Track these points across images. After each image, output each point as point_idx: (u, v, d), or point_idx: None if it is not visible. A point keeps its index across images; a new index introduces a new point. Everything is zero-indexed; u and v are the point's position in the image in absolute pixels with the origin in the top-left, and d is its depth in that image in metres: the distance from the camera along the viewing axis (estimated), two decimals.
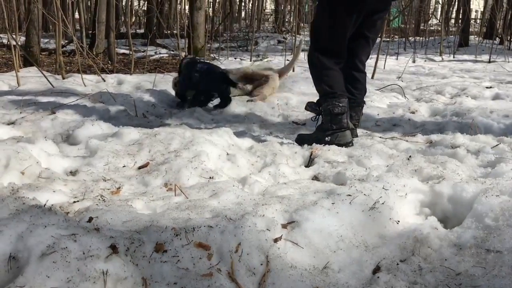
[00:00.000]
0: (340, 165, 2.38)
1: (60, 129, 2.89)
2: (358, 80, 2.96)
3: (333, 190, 1.82)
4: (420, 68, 7.38)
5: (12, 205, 1.58)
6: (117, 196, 1.93)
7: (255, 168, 2.43)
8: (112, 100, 3.97)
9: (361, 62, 2.96)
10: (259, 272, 1.38)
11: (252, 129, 3.34)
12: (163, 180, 2.11)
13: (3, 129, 2.73)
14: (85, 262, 1.24)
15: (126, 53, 9.37)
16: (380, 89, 4.96)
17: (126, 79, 5.22)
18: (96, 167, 2.25)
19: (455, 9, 15.39)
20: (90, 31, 9.78)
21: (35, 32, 6.41)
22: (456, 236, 1.56)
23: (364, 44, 2.93)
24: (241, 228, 1.48)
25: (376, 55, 6.26)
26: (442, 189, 1.87)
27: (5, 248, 1.27)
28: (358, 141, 2.81)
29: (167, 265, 1.34)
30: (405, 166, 2.25)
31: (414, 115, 3.67)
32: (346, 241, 1.55)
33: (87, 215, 1.61)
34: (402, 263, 1.46)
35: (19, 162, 2.04)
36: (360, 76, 2.97)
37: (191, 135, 2.63)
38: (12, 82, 4.84)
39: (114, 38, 7.37)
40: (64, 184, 1.97)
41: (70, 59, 8.05)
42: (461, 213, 1.76)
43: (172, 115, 3.78)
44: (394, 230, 1.64)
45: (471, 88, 4.78)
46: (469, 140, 2.67)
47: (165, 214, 1.65)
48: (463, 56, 9.75)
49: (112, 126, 2.91)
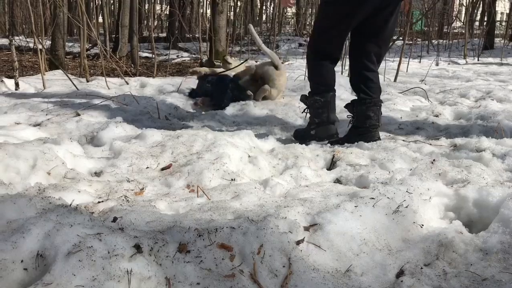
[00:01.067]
0: (362, 168, 2.37)
1: (85, 130, 2.94)
2: (371, 79, 2.93)
3: (356, 193, 1.80)
4: (443, 71, 7.28)
5: (39, 205, 1.62)
6: (141, 197, 1.95)
7: (277, 171, 2.43)
8: (135, 102, 4.02)
9: (371, 61, 2.93)
10: (282, 274, 1.38)
11: (273, 131, 3.34)
12: (185, 182, 2.13)
13: (30, 130, 2.79)
14: (110, 261, 1.26)
15: (148, 56, 9.49)
16: (403, 92, 4.91)
17: (149, 82, 5.28)
18: (120, 168, 2.28)
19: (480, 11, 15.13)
20: (113, 35, 9.94)
21: (61, 36, 6.55)
22: (482, 241, 1.53)
23: (372, 46, 2.91)
24: (263, 229, 1.48)
25: (398, 58, 6.20)
26: (467, 193, 1.84)
27: (33, 246, 1.30)
28: (381, 144, 2.78)
29: (190, 265, 1.35)
30: (429, 169, 2.22)
31: (437, 118, 3.62)
32: (369, 244, 1.54)
33: (112, 215, 1.64)
34: (426, 267, 1.44)
35: (45, 163, 2.09)
36: (372, 75, 2.94)
37: (213, 137, 2.64)
38: (38, 85, 4.95)
39: (137, 42, 7.47)
40: (89, 185, 2.01)
41: (94, 63, 8.19)
42: (487, 217, 1.73)
43: (194, 118, 3.81)
44: (418, 234, 1.62)
45: (496, 91, 4.69)
46: (495, 144, 2.62)
47: (188, 215, 1.66)
48: (488, 59, 9.58)
49: (135, 128, 2.96)
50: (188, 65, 8.37)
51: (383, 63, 6.49)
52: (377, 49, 2.91)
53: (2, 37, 13.78)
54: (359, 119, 2.96)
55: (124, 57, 8.80)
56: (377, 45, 2.90)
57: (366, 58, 2.92)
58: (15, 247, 1.28)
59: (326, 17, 2.88)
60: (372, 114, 2.91)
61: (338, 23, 2.82)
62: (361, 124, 2.94)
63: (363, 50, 2.92)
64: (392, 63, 7.56)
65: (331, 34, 2.88)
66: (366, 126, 2.92)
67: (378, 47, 2.91)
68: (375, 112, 2.91)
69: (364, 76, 2.94)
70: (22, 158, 2.05)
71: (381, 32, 2.86)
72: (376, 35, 2.87)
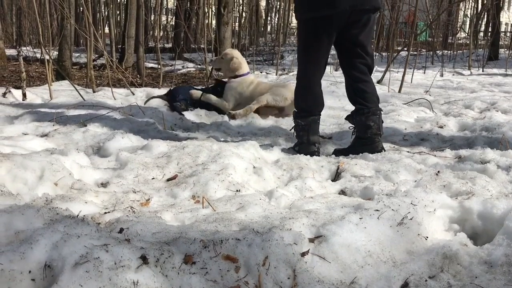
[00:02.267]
0: (367, 179, 2.37)
1: (91, 141, 2.96)
2: (365, 90, 2.99)
3: (361, 205, 1.81)
4: (448, 82, 7.29)
5: (46, 215, 1.63)
6: (147, 208, 1.97)
7: (281, 182, 2.44)
8: (141, 113, 4.05)
9: (361, 72, 3.01)
10: (287, 286, 1.39)
11: (278, 142, 3.36)
12: (191, 192, 2.14)
13: (37, 141, 2.82)
14: (116, 272, 1.27)
15: (154, 67, 9.55)
16: (407, 103, 4.92)
17: (154, 93, 5.32)
18: (126, 179, 2.30)
19: (484, 22, 15.15)
20: (120, 45, 10.02)
21: (67, 47, 6.62)
22: (487, 254, 1.53)
23: (355, 58, 2.99)
24: (269, 241, 1.49)
25: (403, 69, 6.22)
26: (471, 205, 1.85)
27: (41, 256, 1.31)
28: (385, 155, 2.79)
29: (196, 277, 1.36)
30: (434, 181, 2.22)
31: (442, 129, 3.62)
32: (374, 256, 1.54)
33: (118, 226, 1.65)
34: (431, 280, 1.44)
35: (52, 174, 2.11)
36: (364, 85, 3.01)
37: (218, 148, 2.66)
38: (45, 95, 5.00)
39: (143, 53, 7.54)
40: (95, 196, 2.03)
41: (100, 73, 8.26)
42: (492, 230, 1.73)
43: (200, 128, 3.83)
44: (422, 246, 1.62)
45: (501, 103, 4.69)
46: (500, 156, 2.62)
47: (193, 226, 1.67)
48: (493, 70, 9.58)
49: (141, 139, 2.98)
50: (193, 76, 8.43)
51: (388, 74, 6.54)
52: (362, 59, 2.99)
53: (10, 47, 13.92)
54: (359, 130, 3.00)
55: (130, 68, 8.87)
56: (360, 56, 2.98)
57: (355, 70, 3.00)
58: (23, 257, 1.29)
59: (302, 40, 3.03)
60: (372, 123, 2.95)
61: (317, 45, 2.92)
62: (362, 134, 2.97)
63: (350, 63, 3.02)
64: (397, 74, 7.57)
65: (313, 57, 2.98)
66: (368, 136, 2.96)
67: (363, 57, 2.99)
68: (374, 121, 2.95)
69: (357, 88, 3.01)
70: (30, 169, 2.08)
71: (360, 43, 2.95)
72: (357, 46, 2.95)
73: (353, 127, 3.08)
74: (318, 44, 2.91)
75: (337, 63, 9.69)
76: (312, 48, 2.96)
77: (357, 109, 3.01)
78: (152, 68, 9.41)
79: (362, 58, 2.98)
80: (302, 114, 3.05)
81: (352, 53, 2.98)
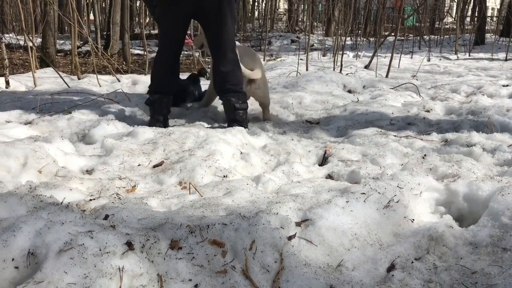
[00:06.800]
0: (354, 163, 2.38)
1: (76, 128, 2.92)
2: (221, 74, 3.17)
3: (347, 189, 1.81)
4: (435, 67, 7.31)
5: (30, 203, 1.61)
6: (133, 194, 1.95)
7: (269, 167, 2.44)
8: (127, 100, 4.01)
9: (223, 58, 3.15)
10: (273, 270, 1.39)
11: (266, 128, 3.34)
12: (177, 179, 2.12)
13: (20, 129, 2.77)
14: (101, 258, 1.26)
15: (140, 53, 9.44)
16: (394, 87, 4.93)
17: (140, 79, 5.26)
18: (112, 166, 2.27)
19: (471, 7, 15.20)
20: (105, 32, 9.88)
21: (51, 34, 6.51)
22: (472, 235, 1.55)
23: (213, 40, 3.17)
24: (255, 226, 1.49)
25: (390, 54, 6.22)
26: (457, 188, 1.86)
27: (24, 244, 1.29)
28: (372, 139, 2.79)
29: (182, 262, 1.35)
30: (420, 164, 2.23)
31: (429, 113, 3.64)
32: (361, 239, 1.55)
33: (103, 212, 1.64)
34: (417, 262, 1.45)
35: (36, 161, 2.08)
36: (222, 71, 3.15)
37: (205, 134, 2.64)
38: (29, 83, 4.92)
39: (128, 39, 7.44)
40: (80, 183, 2.00)
41: (86, 60, 8.14)
42: (477, 211, 1.75)
43: (186, 115, 3.80)
44: (408, 228, 1.63)
45: (487, 87, 4.72)
46: (485, 139, 2.64)
47: (180, 212, 1.66)
48: (479, 54, 9.64)
49: (127, 126, 2.95)
50: (180, 62, 8.34)
51: (375, 59, 6.53)
52: (217, 38, 3.14)
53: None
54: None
55: (116, 55, 8.76)
56: (215, 38, 3.15)
57: (216, 58, 3.19)
58: (6, 245, 1.27)
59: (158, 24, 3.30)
60: (240, 101, 3.14)
61: (165, 27, 3.19)
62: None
63: (214, 54, 3.22)
64: (384, 59, 7.57)
65: (165, 38, 3.25)
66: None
67: (216, 37, 3.14)
68: (240, 98, 3.15)
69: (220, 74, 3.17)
70: (13, 156, 2.04)
71: (211, 29, 3.13)
72: (208, 32, 3.18)
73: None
74: (169, 29, 3.20)
75: (324, 48, 9.67)
76: (165, 32, 3.24)
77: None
78: (138, 55, 9.30)
79: (217, 38, 3.14)
80: (149, 90, 3.27)
81: (211, 42, 3.21)
